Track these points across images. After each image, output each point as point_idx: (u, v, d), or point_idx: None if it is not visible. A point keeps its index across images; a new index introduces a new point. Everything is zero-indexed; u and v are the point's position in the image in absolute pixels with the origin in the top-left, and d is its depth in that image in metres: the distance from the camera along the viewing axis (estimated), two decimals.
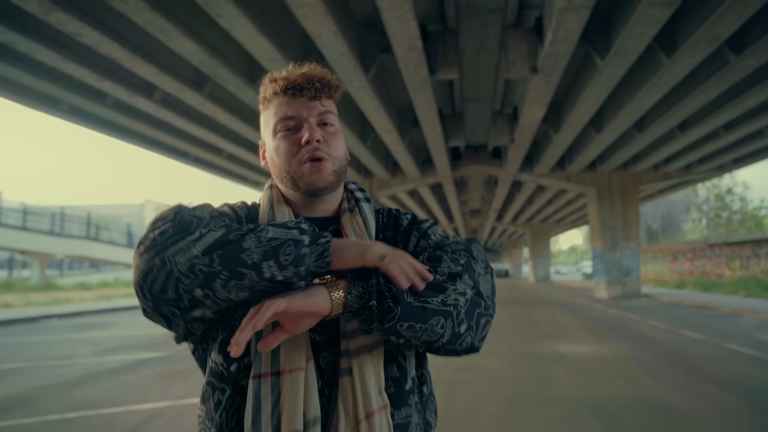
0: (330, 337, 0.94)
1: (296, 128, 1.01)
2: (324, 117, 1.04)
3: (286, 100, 1.01)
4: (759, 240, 25.23)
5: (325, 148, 1.01)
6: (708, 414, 4.90)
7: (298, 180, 1.00)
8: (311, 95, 1.01)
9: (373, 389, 0.90)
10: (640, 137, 17.00)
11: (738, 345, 8.95)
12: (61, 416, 4.94)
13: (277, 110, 1.01)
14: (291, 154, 1.00)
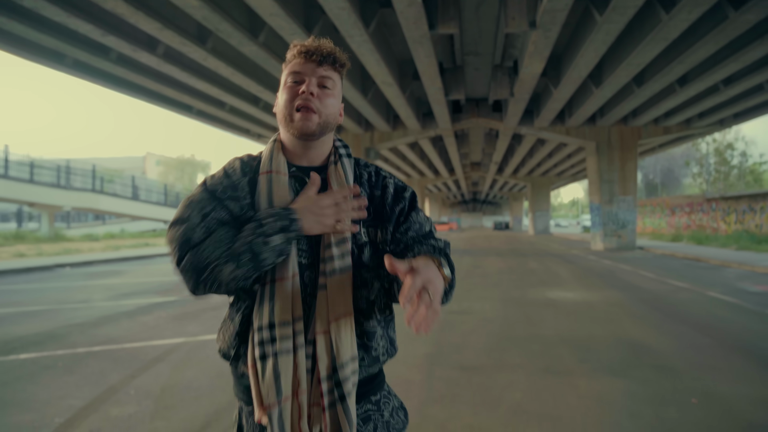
0: (312, 261, 1.24)
1: (300, 83, 1.25)
2: (323, 80, 1.26)
3: (299, 62, 1.27)
4: (755, 195, 25.55)
5: (316, 103, 1.23)
6: (675, 349, 5.39)
7: (289, 123, 1.25)
8: (317, 60, 1.27)
9: (340, 300, 1.19)
10: (639, 92, 17.08)
11: (718, 293, 9.45)
12: (89, 349, 5.46)
13: (291, 68, 1.29)
14: (290, 100, 1.24)
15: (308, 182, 1.24)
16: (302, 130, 1.23)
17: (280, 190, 1.23)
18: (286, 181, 1.24)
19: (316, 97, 1.23)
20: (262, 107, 18.63)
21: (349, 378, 1.15)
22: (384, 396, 1.31)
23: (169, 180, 59.76)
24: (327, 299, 1.18)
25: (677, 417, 3.55)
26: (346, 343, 1.16)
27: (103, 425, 3.42)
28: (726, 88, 16.78)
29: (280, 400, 1.12)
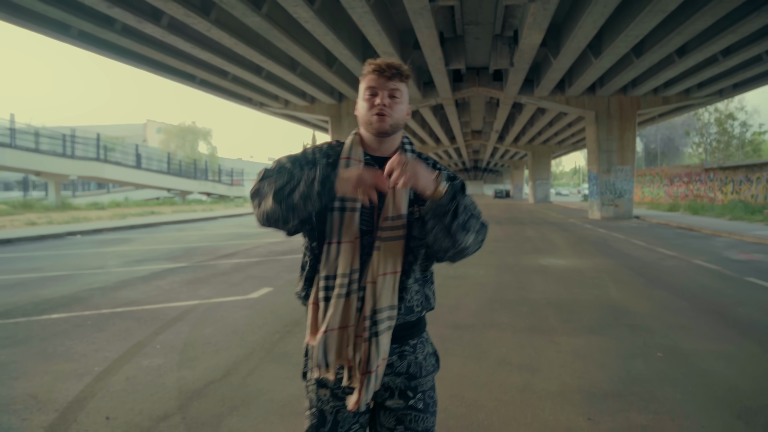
0: (370, 228, 1.61)
1: (374, 95, 1.58)
2: (393, 92, 1.58)
3: (373, 77, 1.58)
4: (752, 165, 25.82)
5: (388, 110, 1.57)
6: (651, 311, 5.86)
7: (369, 124, 1.59)
8: (388, 76, 1.58)
9: (389, 260, 1.53)
10: (638, 62, 17.23)
11: (703, 261, 9.91)
12: (113, 310, 5.93)
13: (367, 82, 1.63)
14: (368, 108, 1.58)
15: (360, 166, 1.61)
16: (378, 129, 1.58)
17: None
18: (362, 168, 1.57)
19: (387, 107, 1.57)
20: (264, 76, 18.81)
21: (384, 321, 1.51)
22: (420, 342, 1.65)
23: (170, 148, 59.70)
24: (378, 259, 1.54)
25: (642, 368, 4.02)
26: (386, 293, 1.52)
27: (137, 373, 3.90)
28: (724, 59, 16.92)
29: (326, 330, 1.50)
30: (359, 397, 1.49)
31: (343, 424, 1.60)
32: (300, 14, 12.30)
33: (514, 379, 3.80)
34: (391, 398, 1.59)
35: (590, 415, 3.18)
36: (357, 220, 1.57)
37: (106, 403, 3.35)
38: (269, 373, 3.93)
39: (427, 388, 1.64)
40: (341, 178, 1.48)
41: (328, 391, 1.59)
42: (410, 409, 1.60)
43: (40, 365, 4.06)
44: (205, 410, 3.26)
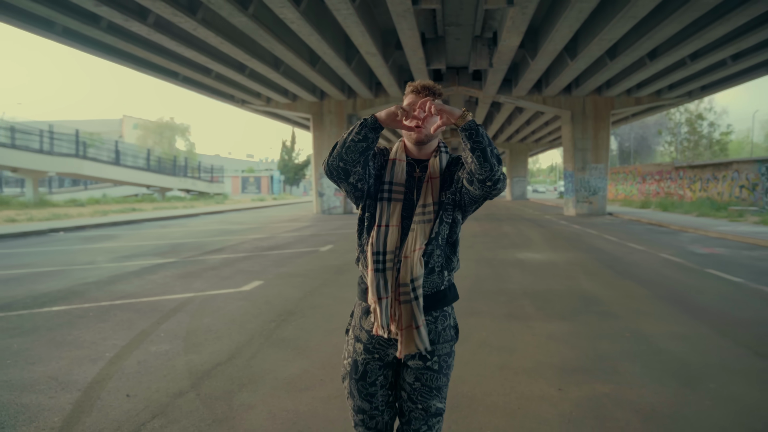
0: (409, 215, 1.98)
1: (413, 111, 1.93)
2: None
3: (412, 96, 1.98)
4: (718, 164, 26.82)
5: (425, 123, 1.95)
6: (617, 299, 6.36)
7: (409, 135, 2.01)
8: (423, 96, 1.97)
9: (419, 240, 1.91)
10: (612, 64, 17.85)
11: (669, 254, 10.51)
12: (111, 303, 6.20)
13: (408, 100, 2.03)
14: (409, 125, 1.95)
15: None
16: (416, 140, 2.01)
17: (399, 169, 2.02)
18: (404, 166, 2.02)
19: (423, 121, 1.95)
20: (247, 74, 18.99)
21: (419, 287, 1.89)
22: (442, 314, 2.00)
23: (147, 144, 59.15)
24: (413, 238, 1.93)
25: (608, 348, 4.47)
26: (417, 266, 1.91)
27: (147, 358, 4.22)
28: (692, 63, 17.66)
29: (387, 296, 1.90)
30: (401, 348, 1.89)
31: (371, 375, 2.00)
32: (286, 15, 12.58)
33: (494, 358, 4.22)
34: (412, 359, 1.97)
35: (560, 386, 3.61)
36: (400, 208, 1.97)
37: (124, 384, 3.67)
38: (270, 356, 4.29)
39: (443, 353, 1.99)
40: (381, 113, 1.89)
41: (362, 345, 2.00)
42: (427, 369, 1.96)
43: (53, 352, 4.35)
44: (216, 388, 3.60)
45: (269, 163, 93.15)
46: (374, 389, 2.01)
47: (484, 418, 3.14)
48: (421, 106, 1.88)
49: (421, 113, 1.91)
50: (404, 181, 1.99)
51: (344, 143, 1.86)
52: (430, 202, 1.96)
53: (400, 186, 1.98)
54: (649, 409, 3.26)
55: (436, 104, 1.82)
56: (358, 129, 1.85)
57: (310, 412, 3.21)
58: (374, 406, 2.03)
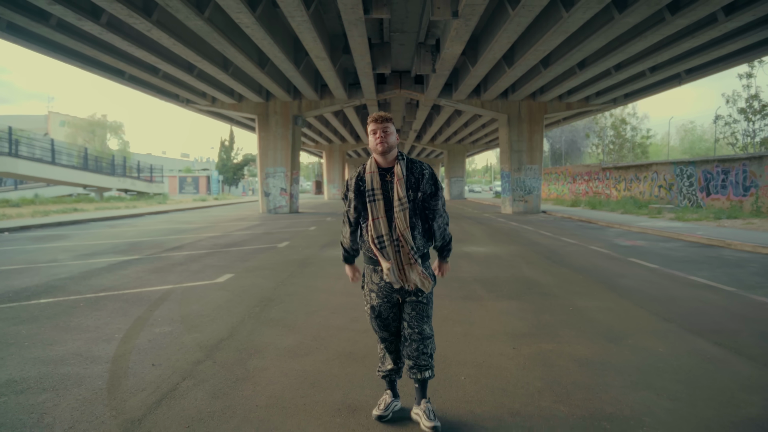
0: (390, 207, 2.89)
1: (375, 132, 2.91)
2: (385, 128, 2.92)
3: (374, 124, 2.92)
4: (640, 165, 29.14)
5: (384, 138, 2.90)
6: (555, 283, 7.35)
7: (375, 149, 2.92)
8: (380, 122, 2.92)
9: (403, 224, 2.86)
10: (545, 72, 19.27)
11: (598, 246, 11.77)
12: (96, 295, 6.56)
13: (371, 127, 2.93)
14: (373, 140, 2.92)
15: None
16: (379, 151, 2.91)
17: (375, 179, 2.88)
18: (377, 175, 2.93)
19: (383, 137, 2.90)
20: (196, 75, 19.12)
21: (417, 253, 2.87)
22: (427, 268, 2.99)
23: (78, 142, 56.83)
24: (400, 222, 2.85)
25: (549, 319, 5.37)
26: (409, 239, 2.83)
27: (156, 337, 4.73)
28: (616, 73, 19.35)
29: (391, 261, 2.82)
30: (412, 287, 2.90)
31: (384, 313, 3.03)
32: (242, 20, 13.00)
33: (457, 329, 5.02)
34: (409, 297, 2.95)
35: (514, 346, 4.45)
36: (383, 204, 2.89)
37: (144, 357, 4.19)
38: (266, 332, 4.90)
39: (429, 293, 3.02)
40: (347, 271, 3.27)
41: (375, 294, 3.00)
42: (419, 303, 2.99)
43: (64, 335, 4.77)
44: (228, 357, 4.19)
45: (206, 162, 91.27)
46: (387, 322, 3.07)
47: (458, 369, 3.91)
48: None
49: (381, 133, 2.88)
50: (380, 186, 2.89)
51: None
52: (402, 195, 2.85)
53: (378, 190, 2.89)
54: (583, 359, 4.15)
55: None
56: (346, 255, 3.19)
57: (316, 371, 3.88)
58: (391, 333, 3.11)
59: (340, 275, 7.93)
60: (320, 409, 3.22)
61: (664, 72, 19.14)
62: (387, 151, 2.91)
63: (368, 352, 4.30)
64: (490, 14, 15.61)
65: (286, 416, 3.12)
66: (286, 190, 25.45)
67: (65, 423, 3.01)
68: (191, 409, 3.21)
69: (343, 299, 6.31)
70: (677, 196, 25.01)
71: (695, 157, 24.63)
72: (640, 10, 12.49)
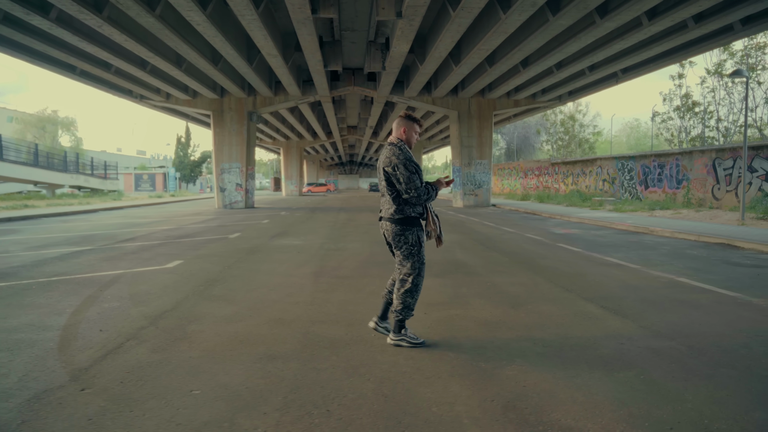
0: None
1: (418, 132, 4.19)
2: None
3: (419, 127, 4.19)
4: (587, 160, 30.53)
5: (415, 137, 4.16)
6: (482, 264, 8.07)
7: (414, 142, 4.18)
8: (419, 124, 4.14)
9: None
10: (491, 70, 20.15)
11: (533, 234, 12.63)
12: (48, 279, 6.91)
13: (418, 129, 4.18)
14: (416, 137, 4.19)
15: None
16: (414, 144, 4.00)
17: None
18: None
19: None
20: (149, 71, 19.20)
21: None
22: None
23: (27, 138, 55.20)
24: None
25: (466, 292, 6.06)
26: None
27: (104, 310, 5.18)
28: (558, 71, 20.39)
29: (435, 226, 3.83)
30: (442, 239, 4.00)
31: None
32: (193, 18, 13.31)
33: (379, 300, 5.63)
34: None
35: (426, 311, 5.10)
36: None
37: (93, 325, 4.65)
38: (207, 305, 5.41)
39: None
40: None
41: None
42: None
43: (17, 312, 5.16)
44: (170, 324, 4.70)
45: (162, 159, 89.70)
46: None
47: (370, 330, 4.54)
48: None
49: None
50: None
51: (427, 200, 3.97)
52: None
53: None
54: (483, 320, 4.83)
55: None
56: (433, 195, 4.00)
57: (246, 332, 4.43)
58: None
59: (284, 261, 8.47)
60: (245, 358, 3.78)
61: (602, 71, 20.27)
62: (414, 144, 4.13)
63: (296, 318, 4.87)
64: (435, 15, 16.33)
65: (215, 363, 3.67)
66: (242, 185, 25.69)
67: (19, 373, 3.48)
68: (132, 361, 3.72)
69: (283, 279, 6.86)
70: (619, 189, 26.40)
71: (635, 153, 26.03)
72: (571, 13, 13.40)
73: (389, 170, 3.87)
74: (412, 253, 3.97)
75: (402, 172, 3.80)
